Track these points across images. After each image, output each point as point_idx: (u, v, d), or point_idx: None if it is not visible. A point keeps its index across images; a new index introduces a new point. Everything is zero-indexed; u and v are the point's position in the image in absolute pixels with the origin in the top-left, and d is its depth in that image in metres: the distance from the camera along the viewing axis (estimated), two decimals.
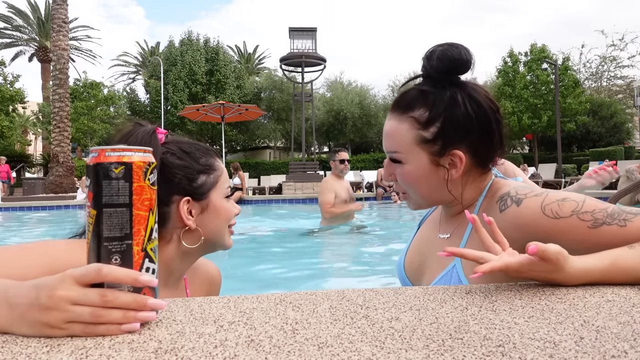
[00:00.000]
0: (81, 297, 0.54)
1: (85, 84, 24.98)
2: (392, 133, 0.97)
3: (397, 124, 0.96)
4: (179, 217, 0.94)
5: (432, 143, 0.93)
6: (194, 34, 27.71)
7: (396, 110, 0.97)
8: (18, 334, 0.55)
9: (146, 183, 0.60)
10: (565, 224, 0.80)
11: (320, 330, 0.56)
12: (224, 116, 14.14)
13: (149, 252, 0.60)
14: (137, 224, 0.59)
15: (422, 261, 1.07)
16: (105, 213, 0.57)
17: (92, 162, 0.59)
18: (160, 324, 0.60)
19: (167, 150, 0.95)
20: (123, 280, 0.56)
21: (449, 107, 0.92)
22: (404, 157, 0.95)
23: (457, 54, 0.90)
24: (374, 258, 4.33)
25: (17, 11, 30.84)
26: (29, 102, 24.33)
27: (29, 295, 0.54)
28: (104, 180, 0.57)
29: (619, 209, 0.79)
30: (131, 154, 0.59)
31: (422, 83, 0.97)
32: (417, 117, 0.93)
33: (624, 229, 0.77)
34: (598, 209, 0.80)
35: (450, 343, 0.51)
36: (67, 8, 14.78)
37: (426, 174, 0.95)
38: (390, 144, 0.97)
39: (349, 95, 27.89)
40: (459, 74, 0.93)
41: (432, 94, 0.93)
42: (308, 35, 15.96)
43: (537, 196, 0.85)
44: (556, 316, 0.60)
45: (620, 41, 26.61)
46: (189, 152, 0.97)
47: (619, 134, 26.04)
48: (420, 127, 0.93)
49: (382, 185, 12.30)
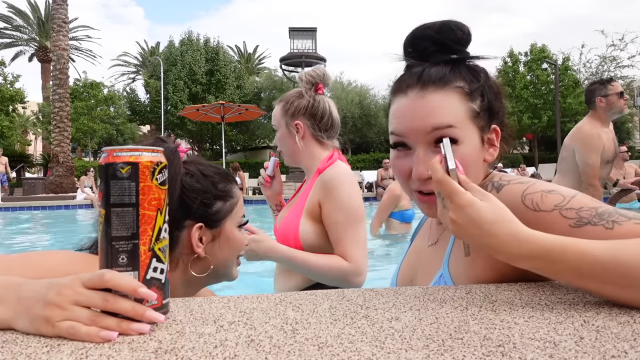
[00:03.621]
0: (84, 298, 0.55)
1: (85, 84, 24.98)
2: (440, 107, 0.78)
3: (443, 97, 0.79)
4: (188, 242, 0.90)
5: (480, 117, 0.81)
6: (194, 34, 27.74)
7: (431, 84, 0.80)
8: (17, 328, 0.56)
9: (154, 183, 0.60)
10: (545, 218, 0.71)
11: (320, 330, 0.56)
12: (224, 116, 14.15)
13: (156, 251, 0.60)
14: (144, 224, 0.59)
15: (413, 276, 1.01)
16: (112, 212, 0.58)
17: (102, 162, 0.59)
18: (160, 324, 0.60)
19: (186, 171, 0.90)
20: (123, 288, 0.56)
21: (485, 78, 0.83)
22: (461, 133, 0.78)
23: (467, 28, 0.83)
24: (374, 258, 4.33)
25: (17, 11, 30.85)
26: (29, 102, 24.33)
27: (40, 291, 0.56)
28: (112, 180, 0.58)
29: (613, 210, 0.70)
30: (139, 154, 0.59)
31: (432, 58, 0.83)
32: (463, 87, 0.80)
33: (609, 232, 0.66)
34: (586, 207, 0.70)
35: (450, 343, 0.51)
36: (67, 8, 14.79)
37: (477, 157, 0.81)
38: (442, 117, 0.78)
39: (349, 95, 27.89)
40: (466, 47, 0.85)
41: (462, 67, 0.83)
42: (308, 35, 15.97)
43: (521, 184, 0.77)
44: (556, 316, 0.60)
45: (620, 41, 26.59)
46: (208, 175, 0.93)
47: (619, 134, 26.02)
48: (469, 98, 0.80)
49: (382, 185, 12.30)
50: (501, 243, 0.65)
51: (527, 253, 0.64)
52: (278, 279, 1.62)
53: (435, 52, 0.83)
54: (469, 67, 0.84)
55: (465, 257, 0.76)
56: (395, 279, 1.09)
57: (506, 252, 0.65)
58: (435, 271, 0.91)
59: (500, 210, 0.67)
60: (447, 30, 0.81)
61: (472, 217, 0.66)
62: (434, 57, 0.83)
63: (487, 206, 0.67)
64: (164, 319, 0.58)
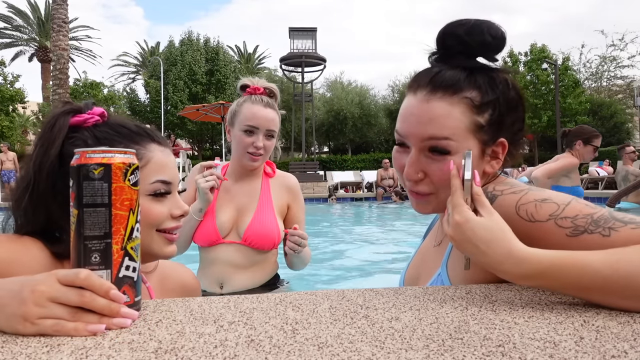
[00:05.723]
0: (60, 294, 0.56)
1: (85, 84, 24.97)
2: (441, 117, 0.79)
3: (448, 107, 0.78)
4: None
5: (484, 131, 0.80)
6: (194, 34, 27.73)
7: (441, 90, 0.79)
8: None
9: (126, 184, 0.62)
10: (542, 228, 0.70)
11: (320, 330, 0.56)
12: (224, 116, 14.13)
13: (129, 250, 0.62)
14: (117, 224, 0.61)
15: (417, 276, 1.02)
16: (85, 213, 0.60)
17: (74, 164, 0.61)
18: (160, 324, 0.60)
19: (77, 137, 0.78)
20: (96, 289, 0.57)
21: (503, 91, 0.81)
22: (456, 145, 0.79)
23: (501, 31, 0.79)
24: (374, 258, 4.33)
25: (17, 11, 30.84)
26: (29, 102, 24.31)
27: (13, 288, 0.56)
28: (85, 181, 0.60)
29: (609, 215, 0.68)
30: (111, 156, 0.61)
31: (454, 61, 0.82)
32: (472, 99, 0.79)
33: (607, 239, 0.66)
34: (582, 215, 0.69)
35: (450, 343, 0.51)
36: (67, 8, 14.80)
37: (475, 167, 0.81)
38: (440, 129, 0.79)
39: (349, 95, 27.90)
40: (499, 52, 0.82)
41: (480, 74, 0.80)
42: (308, 35, 15.98)
43: (514, 194, 0.76)
44: (556, 316, 0.60)
45: (620, 41, 26.62)
46: (102, 138, 0.79)
47: (619, 134, 26.04)
48: (475, 111, 0.79)
49: (382, 185, 12.30)
50: (498, 262, 0.65)
51: (525, 272, 0.64)
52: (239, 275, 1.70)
53: (460, 53, 0.81)
54: (489, 75, 0.81)
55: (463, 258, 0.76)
56: (403, 279, 1.09)
57: (504, 271, 0.65)
58: (433, 272, 0.91)
59: (499, 229, 0.66)
60: (477, 33, 0.79)
61: (468, 235, 0.67)
62: (456, 59, 0.82)
63: (485, 224, 0.66)
64: (137, 315, 0.61)
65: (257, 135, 1.64)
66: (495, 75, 0.82)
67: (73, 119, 0.79)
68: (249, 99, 1.67)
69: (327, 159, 23.46)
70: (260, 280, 1.75)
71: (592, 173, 13.13)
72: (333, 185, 13.63)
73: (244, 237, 1.66)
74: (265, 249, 1.69)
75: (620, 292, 0.60)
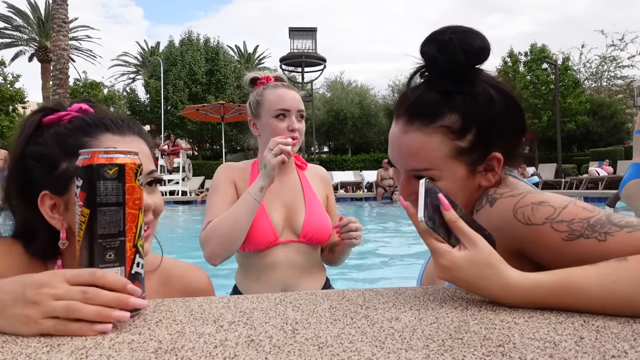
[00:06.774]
0: (64, 293, 0.56)
1: (85, 84, 24.98)
2: (419, 149, 0.80)
3: (423, 138, 0.79)
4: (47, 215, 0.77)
5: (469, 152, 0.80)
6: (194, 34, 27.72)
7: (417, 119, 0.80)
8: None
9: (136, 183, 0.64)
10: (538, 232, 0.70)
11: (320, 330, 0.56)
12: (223, 116, 14.15)
13: (139, 247, 0.65)
14: (129, 222, 0.63)
15: (433, 275, 1.02)
16: (100, 212, 0.61)
17: (85, 164, 0.62)
18: (160, 324, 0.60)
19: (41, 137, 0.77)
20: (113, 286, 0.58)
21: (485, 108, 0.79)
22: (438, 173, 0.80)
23: (479, 43, 0.76)
24: (374, 258, 4.33)
25: (17, 11, 30.84)
26: (29, 102, 24.31)
27: (14, 290, 0.56)
28: (98, 181, 0.61)
29: (606, 218, 0.67)
30: (123, 157, 0.64)
31: (433, 81, 0.81)
32: (449, 126, 0.78)
33: (602, 244, 0.65)
34: (578, 219, 0.68)
35: (450, 343, 0.51)
36: (67, 8, 14.79)
37: (463, 185, 0.82)
38: (418, 161, 0.81)
39: (349, 95, 27.92)
40: (480, 64, 0.80)
41: (459, 95, 0.79)
42: (308, 35, 15.98)
43: (513, 197, 0.76)
44: (556, 316, 0.60)
45: (620, 41, 26.61)
46: (60, 133, 0.77)
47: (619, 134, 26.05)
48: (454, 137, 0.79)
49: (382, 185, 12.30)
50: (491, 294, 0.66)
51: (520, 302, 0.64)
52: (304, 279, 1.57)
53: (437, 74, 0.81)
54: (471, 93, 0.79)
55: None
56: (421, 277, 1.09)
57: (498, 299, 0.66)
58: None
59: (486, 264, 0.65)
60: (449, 51, 0.76)
61: (459, 276, 0.67)
62: (434, 80, 0.81)
63: (472, 260, 0.65)
64: (147, 305, 0.63)
65: (289, 119, 1.52)
66: (478, 91, 0.79)
67: (46, 118, 0.79)
68: (267, 87, 1.57)
69: (327, 159, 23.46)
70: (321, 282, 1.62)
71: (592, 173, 13.14)
72: (333, 185, 13.63)
73: (303, 233, 1.53)
74: (323, 243, 1.59)
75: (619, 313, 0.60)
